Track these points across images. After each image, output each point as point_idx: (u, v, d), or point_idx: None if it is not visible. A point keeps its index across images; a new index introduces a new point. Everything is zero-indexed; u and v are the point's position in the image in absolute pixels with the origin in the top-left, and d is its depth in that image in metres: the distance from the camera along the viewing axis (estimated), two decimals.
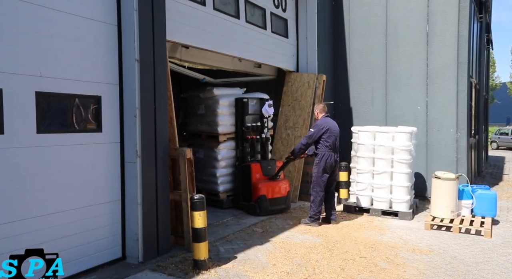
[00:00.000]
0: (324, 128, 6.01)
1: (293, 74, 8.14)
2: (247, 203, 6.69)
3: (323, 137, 6.01)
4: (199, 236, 4.22)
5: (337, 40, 9.05)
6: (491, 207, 6.23)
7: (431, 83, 8.09)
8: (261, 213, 6.47)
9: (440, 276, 4.21)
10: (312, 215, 6.08)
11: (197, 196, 4.28)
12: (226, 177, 7.16)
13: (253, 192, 6.59)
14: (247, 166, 6.76)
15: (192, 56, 6.12)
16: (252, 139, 7.04)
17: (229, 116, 7.08)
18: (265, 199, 6.50)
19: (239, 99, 7.02)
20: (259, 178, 6.66)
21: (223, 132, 7.02)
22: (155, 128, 4.54)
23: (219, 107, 6.96)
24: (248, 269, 4.31)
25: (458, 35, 7.80)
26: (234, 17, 6.49)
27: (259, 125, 7.15)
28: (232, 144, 7.18)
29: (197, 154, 7.27)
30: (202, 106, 7.29)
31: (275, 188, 6.65)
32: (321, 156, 6.01)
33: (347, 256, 4.75)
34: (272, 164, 6.91)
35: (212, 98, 7.06)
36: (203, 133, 7.30)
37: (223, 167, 7.09)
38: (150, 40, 4.47)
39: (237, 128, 7.08)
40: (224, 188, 7.11)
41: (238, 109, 7.06)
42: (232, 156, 7.19)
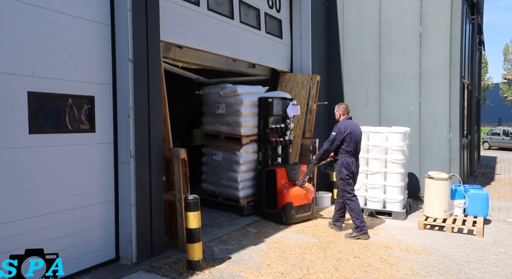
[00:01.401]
0: (346, 131, 5.54)
1: (287, 74, 8.15)
2: (271, 210, 6.25)
3: (345, 141, 5.54)
4: (193, 236, 4.21)
5: (331, 40, 9.08)
6: (483, 207, 6.28)
7: (424, 84, 8.15)
8: (287, 221, 6.03)
9: (433, 275, 4.24)
10: (358, 225, 5.46)
11: (191, 196, 4.27)
12: (247, 182, 6.72)
13: (278, 198, 6.14)
14: (272, 171, 6.29)
15: (185, 56, 6.11)
16: (276, 142, 6.61)
17: (252, 117, 6.63)
18: (292, 207, 6.05)
19: (263, 98, 6.56)
20: (284, 184, 6.23)
21: (246, 134, 6.56)
22: (149, 129, 4.52)
23: (242, 107, 6.48)
24: (242, 269, 4.31)
25: (451, 36, 7.87)
26: (228, 18, 6.48)
27: (283, 127, 6.72)
28: (254, 146, 6.73)
29: (214, 156, 6.96)
30: (222, 106, 6.76)
31: (302, 194, 6.21)
32: (341, 162, 5.58)
33: (341, 256, 4.77)
34: (297, 168, 6.45)
35: (234, 97, 6.58)
36: (222, 134, 6.83)
37: (244, 171, 6.65)
38: (144, 40, 4.45)
39: (260, 130, 6.64)
40: (244, 193, 6.66)
41: (261, 110, 6.59)
42: (253, 159, 6.75)
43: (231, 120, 6.61)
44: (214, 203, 7.01)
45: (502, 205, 7.80)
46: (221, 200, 6.91)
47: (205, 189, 7.21)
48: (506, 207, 7.67)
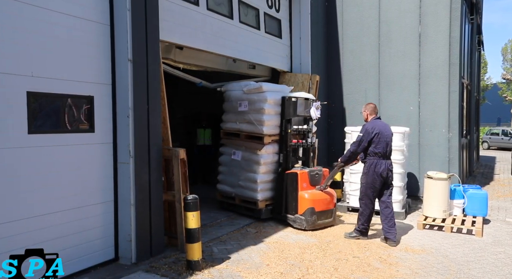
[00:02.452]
0: (374, 132, 5.23)
1: (287, 74, 8.15)
2: (291, 215, 5.94)
3: (373, 143, 5.25)
4: (193, 236, 4.21)
5: (331, 40, 9.08)
6: (482, 207, 6.29)
7: (424, 84, 8.16)
8: (308, 227, 5.76)
9: (432, 275, 4.24)
10: (360, 228, 5.41)
11: (190, 196, 4.27)
12: (266, 184, 6.41)
13: (299, 203, 5.85)
14: (294, 174, 5.99)
15: (186, 57, 6.10)
16: (298, 144, 6.33)
17: (275, 116, 6.37)
18: (314, 212, 5.78)
19: (288, 98, 6.26)
20: (306, 188, 5.95)
21: (268, 133, 6.29)
22: (148, 129, 4.52)
23: (266, 105, 6.19)
24: (241, 269, 4.31)
25: (450, 36, 7.88)
26: (227, 17, 6.48)
27: (305, 129, 6.44)
28: (275, 147, 6.45)
29: (233, 156, 6.67)
30: (244, 103, 6.44)
31: (324, 199, 5.96)
32: (369, 165, 5.28)
33: (340, 256, 4.77)
34: (320, 172, 6.17)
35: (258, 94, 6.31)
36: (243, 133, 6.51)
37: (264, 172, 6.34)
38: (143, 40, 4.45)
39: (282, 131, 6.34)
40: (263, 196, 6.34)
41: (284, 109, 6.29)
42: (274, 160, 6.44)
43: (253, 118, 6.33)
44: (230, 205, 6.77)
45: (501, 205, 7.81)
46: (237, 202, 6.61)
47: (221, 190, 6.95)
48: (505, 206, 7.68)
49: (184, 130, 10.25)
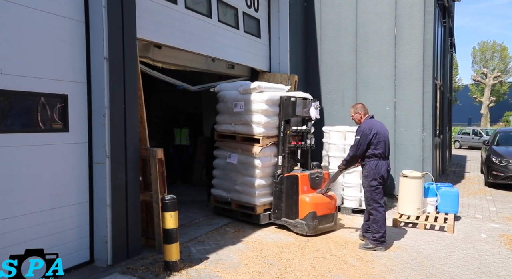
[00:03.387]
0: (372, 133, 5.02)
1: (266, 74, 8.17)
2: (291, 220, 5.68)
3: (372, 144, 5.03)
4: (171, 237, 4.18)
5: (309, 41, 9.17)
6: (453, 204, 6.50)
7: (399, 85, 8.34)
8: (309, 232, 5.51)
9: (406, 271, 4.35)
10: (376, 237, 5.00)
11: (168, 196, 4.23)
12: (265, 188, 6.09)
13: (300, 207, 5.59)
14: (294, 177, 5.73)
15: (164, 56, 6.03)
16: (297, 145, 6.04)
17: (273, 116, 6.03)
18: (315, 216, 5.54)
19: (287, 98, 5.95)
20: (306, 191, 5.70)
21: (266, 135, 5.98)
22: (125, 128, 4.45)
23: (263, 105, 5.89)
24: (220, 269, 4.30)
25: (424, 38, 8.08)
26: (206, 16, 6.44)
27: (304, 130, 6.14)
28: (273, 149, 6.11)
29: (228, 159, 6.30)
30: (240, 103, 6.12)
31: (325, 203, 5.72)
32: (369, 167, 5.05)
33: (318, 254, 4.83)
34: (320, 174, 5.94)
35: (255, 94, 6.00)
36: (239, 135, 6.18)
37: (262, 176, 6.03)
38: (119, 38, 4.37)
39: (280, 132, 6.02)
40: (261, 200, 6.02)
41: (282, 110, 5.97)
42: (272, 163, 6.12)
43: (250, 119, 6.01)
44: (225, 211, 6.46)
45: (471, 202, 8.08)
46: (233, 208, 6.28)
47: (216, 195, 6.58)
48: (475, 204, 7.96)
49: (162, 130, 10.15)
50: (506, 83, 43.78)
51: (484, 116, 39.85)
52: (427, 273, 4.30)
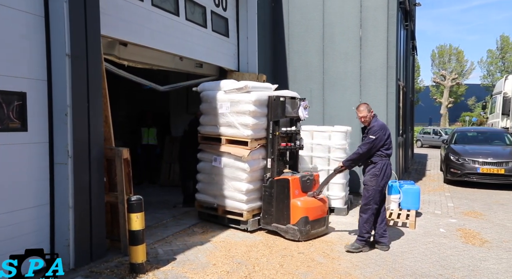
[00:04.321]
0: (386, 134, 4.97)
1: (234, 73, 8.16)
2: (282, 225, 5.44)
3: (385, 144, 4.96)
4: (137, 238, 4.09)
5: (277, 41, 9.24)
6: (415, 201, 6.76)
7: (364, 85, 8.56)
8: (302, 238, 5.30)
9: (370, 266, 4.48)
10: (365, 237, 4.97)
11: (134, 197, 4.14)
12: (253, 193, 5.82)
13: (292, 212, 5.36)
14: (284, 180, 5.50)
15: (131, 54, 5.88)
16: (286, 147, 5.79)
17: (261, 117, 5.73)
18: (307, 221, 5.33)
19: (275, 97, 5.69)
20: (298, 195, 5.48)
21: (255, 137, 5.69)
22: (88, 128, 4.31)
23: (251, 106, 5.58)
24: (187, 270, 4.26)
25: (387, 40, 8.34)
26: (173, 14, 6.35)
27: (294, 130, 5.89)
28: (262, 152, 5.82)
29: (214, 163, 5.96)
30: (225, 104, 5.80)
31: (317, 207, 5.54)
32: (381, 166, 4.94)
33: (286, 253, 4.88)
34: (311, 177, 5.74)
35: (242, 94, 5.71)
36: (225, 137, 5.87)
37: (250, 180, 5.73)
38: (82, 35, 4.22)
39: (268, 133, 5.73)
40: (250, 205, 5.75)
41: (271, 110, 5.69)
42: (261, 166, 5.83)
43: (236, 121, 5.69)
44: (211, 216, 6.15)
45: (431, 199, 8.44)
46: (220, 213, 5.98)
47: (201, 200, 6.25)
48: (435, 200, 8.31)
49: (129, 129, 9.92)
50: (463, 85, 46.05)
51: (444, 116, 41.73)
52: (390, 268, 4.45)
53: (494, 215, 7.06)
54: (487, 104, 20.88)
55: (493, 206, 7.81)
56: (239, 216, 5.75)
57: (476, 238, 5.63)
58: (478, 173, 9.79)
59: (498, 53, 45.66)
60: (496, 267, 4.53)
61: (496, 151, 10.47)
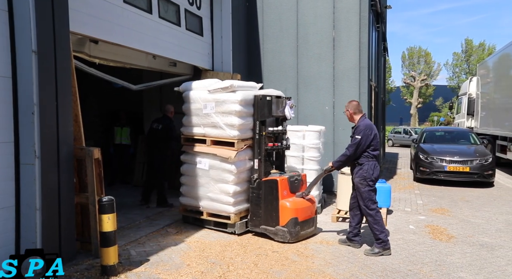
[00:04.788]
0: (372, 135, 4.94)
1: (209, 73, 8.11)
2: (271, 227, 5.34)
3: (370, 145, 4.94)
4: (108, 240, 4.00)
5: (252, 41, 9.24)
6: (386, 199, 6.92)
7: (337, 85, 8.69)
8: (292, 240, 5.23)
9: (343, 264, 4.56)
10: (381, 237, 4.86)
11: (105, 198, 4.04)
12: (240, 195, 5.68)
13: (281, 213, 5.27)
14: (273, 181, 5.39)
15: (102, 52, 5.74)
16: (274, 147, 5.66)
17: (248, 118, 5.61)
18: (297, 222, 5.27)
19: (262, 97, 5.56)
20: (286, 196, 5.40)
21: (241, 138, 5.56)
22: (57, 127, 4.17)
23: (237, 106, 5.44)
24: (161, 271, 4.20)
25: (360, 41, 8.51)
26: (146, 12, 6.24)
27: (281, 130, 5.77)
28: (249, 152, 5.69)
29: (198, 165, 5.76)
30: (210, 104, 5.63)
31: (306, 207, 5.47)
32: (367, 167, 4.93)
33: (260, 252, 4.90)
34: (299, 177, 5.67)
35: (227, 93, 5.56)
36: (210, 138, 5.72)
37: (237, 182, 5.58)
38: (50, 30, 4.09)
39: (255, 134, 5.60)
40: (237, 208, 5.60)
41: (257, 110, 5.56)
42: (248, 168, 5.70)
43: (222, 122, 5.56)
44: (196, 220, 5.94)
45: (401, 197, 8.68)
46: (205, 217, 5.79)
47: (185, 203, 6.02)
48: (405, 198, 8.56)
49: (101, 128, 9.69)
50: (431, 86, 47.67)
51: (413, 116, 43.00)
52: (362, 265, 4.54)
53: (460, 211, 7.34)
54: (454, 104, 21.67)
55: (459, 202, 8.12)
56: (226, 219, 5.59)
57: (443, 234, 5.83)
58: (446, 171, 10.15)
59: (463, 56, 47.52)
60: (461, 261, 4.72)
61: (462, 150, 10.88)
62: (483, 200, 8.43)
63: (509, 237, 5.71)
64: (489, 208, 7.61)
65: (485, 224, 6.40)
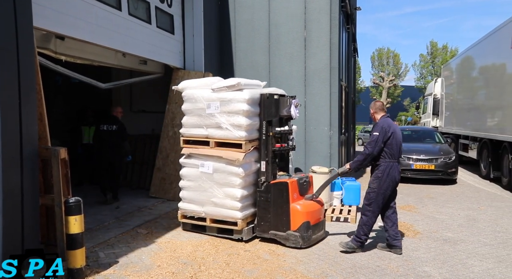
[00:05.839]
0: (390, 131, 4.78)
1: (180, 71, 8.03)
2: (281, 232, 5.11)
3: (387, 144, 4.79)
4: (75, 242, 3.90)
5: (224, 39, 9.22)
6: (356, 197, 7.10)
7: (309, 85, 8.81)
8: (304, 244, 5.02)
9: (314, 261, 4.64)
10: (362, 239, 4.88)
11: (72, 199, 3.94)
12: (248, 199, 5.41)
13: (292, 217, 5.04)
14: (283, 184, 5.15)
15: (69, 49, 5.57)
16: (281, 148, 5.43)
17: (254, 118, 5.34)
18: (309, 226, 5.06)
19: (269, 95, 5.31)
20: (296, 199, 5.17)
21: (249, 139, 5.28)
22: (20, 126, 4.00)
23: (245, 105, 5.16)
24: (130, 273, 4.13)
25: (330, 42, 8.65)
26: (115, 9, 6.11)
27: (287, 130, 5.55)
28: (255, 154, 5.42)
29: (201, 168, 5.43)
30: (214, 103, 5.32)
31: (317, 210, 5.28)
32: (384, 168, 4.80)
33: (232, 251, 4.90)
34: (307, 179, 5.51)
35: (233, 92, 5.26)
36: (214, 139, 5.41)
37: (244, 186, 5.30)
38: (11, 26, 3.91)
39: (261, 134, 5.34)
40: (244, 213, 5.31)
41: (264, 109, 5.30)
42: (254, 170, 5.44)
43: (228, 122, 5.26)
44: (197, 227, 5.59)
45: None
46: (208, 223, 5.46)
47: (185, 209, 5.65)
48: None
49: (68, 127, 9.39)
50: (399, 86, 49.15)
51: None
52: (332, 262, 4.63)
53: (425, 208, 7.62)
54: (420, 105, 22.41)
55: (425, 199, 8.42)
56: (233, 225, 5.27)
57: (410, 230, 6.03)
58: (412, 169, 10.49)
59: (429, 57, 49.28)
60: (426, 255, 4.90)
61: (427, 148, 11.28)
62: (446, 196, 8.78)
63: (470, 232, 5.99)
64: (452, 204, 7.94)
65: (449, 220, 6.67)
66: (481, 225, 6.40)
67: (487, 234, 5.86)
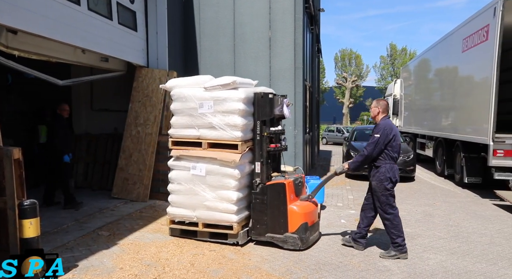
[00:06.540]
0: (392, 134, 4.75)
1: (144, 69, 7.86)
2: (279, 234, 4.98)
3: (389, 146, 4.76)
4: (30, 247, 3.71)
5: (188, 38, 9.12)
6: (320, 195, 7.16)
7: (274, 85, 8.88)
8: (303, 246, 4.93)
9: (279, 259, 4.68)
10: (399, 242, 4.75)
11: (27, 201, 3.75)
12: (243, 201, 5.24)
13: (290, 219, 4.92)
14: (279, 185, 5.01)
15: (23, 44, 5.29)
16: (276, 148, 5.28)
17: (249, 117, 5.16)
18: (307, 228, 4.97)
19: (263, 94, 5.15)
20: (293, 200, 5.07)
21: (244, 139, 5.09)
22: None
23: (241, 104, 4.98)
24: (91, 276, 4.00)
25: (295, 42, 8.77)
26: (74, 3, 5.88)
27: (280, 130, 5.42)
28: (249, 155, 5.23)
29: (192, 170, 5.17)
30: (207, 103, 5.08)
31: (313, 212, 5.21)
32: (385, 170, 4.77)
33: (197, 251, 4.86)
34: (301, 179, 5.45)
35: (228, 91, 5.05)
36: (207, 140, 5.17)
37: (239, 188, 5.11)
38: None
39: (255, 134, 5.17)
40: (240, 216, 5.13)
41: (258, 109, 5.13)
42: (248, 171, 5.25)
43: (222, 122, 5.04)
44: (188, 233, 5.33)
45: (334, 192, 9.12)
46: (200, 229, 5.22)
47: (175, 214, 5.36)
48: (337, 193, 9.00)
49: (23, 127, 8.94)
50: (361, 87, 50.66)
51: (345, 115, 45.33)
52: (297, 259, 4.70)
53: None
54: None
55: None
56: (227, 229, 5.09)
57: (371, 226, 6.21)
58: None
59: (389, 59, 51.13)
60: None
61: None
62: (405, 193, 9.14)
63: (426, 227, 6.27)
64: (410, 201, 8.28)
65: (407, 216, 6.95)
66: (436, 220, 6.72)
67: (441, 228, 6.16)
